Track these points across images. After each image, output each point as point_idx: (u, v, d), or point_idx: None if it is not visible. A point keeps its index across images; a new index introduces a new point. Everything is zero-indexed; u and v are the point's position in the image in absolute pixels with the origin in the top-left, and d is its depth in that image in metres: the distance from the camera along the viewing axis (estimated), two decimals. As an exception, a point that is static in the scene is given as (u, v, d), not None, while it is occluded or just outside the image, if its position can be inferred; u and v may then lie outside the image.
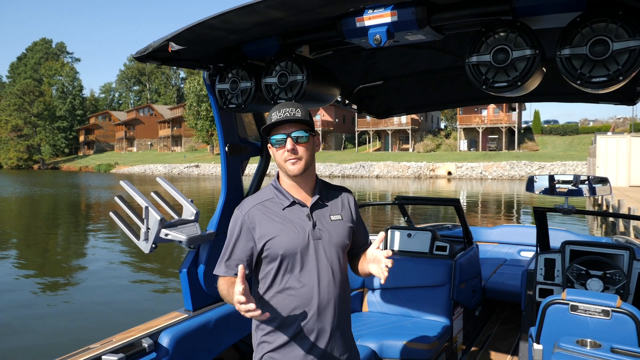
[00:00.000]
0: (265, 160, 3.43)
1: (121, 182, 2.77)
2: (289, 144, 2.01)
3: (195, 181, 51.23)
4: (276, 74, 2.56)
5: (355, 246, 2.28)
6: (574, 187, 3.70)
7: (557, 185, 3.75)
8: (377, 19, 2.18)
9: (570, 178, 3.74)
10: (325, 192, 2.19)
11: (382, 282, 1.90)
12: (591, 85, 1.92)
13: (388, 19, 2.15)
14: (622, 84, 1.91)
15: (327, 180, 2.36)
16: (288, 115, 2.00)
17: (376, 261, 1.98)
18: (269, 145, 2.12)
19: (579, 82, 1.94)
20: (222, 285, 2.05)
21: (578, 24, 1.91)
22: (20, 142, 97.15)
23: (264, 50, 2.63)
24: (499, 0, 2.03)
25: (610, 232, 15.74)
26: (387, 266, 1.90)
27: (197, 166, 67.14)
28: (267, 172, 3.41)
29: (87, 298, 10.24)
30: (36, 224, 22.20)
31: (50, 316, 9.16)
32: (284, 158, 2.04)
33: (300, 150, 2.03)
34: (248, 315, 1.78)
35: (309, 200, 2.11)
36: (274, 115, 2.02)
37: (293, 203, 2.08)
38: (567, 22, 1.94)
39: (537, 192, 3.85)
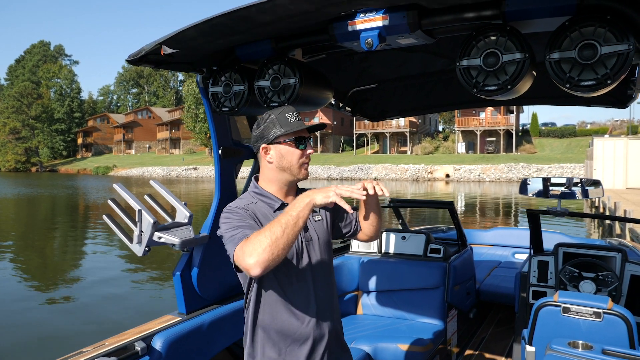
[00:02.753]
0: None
1: (114, 185, 2.77)
2: (310, 148, 2.09)
3: (193, 183, 51.20)
4: (269, 77, 2.57)
5: (348, 224, 2.27)
6: (566, 190, 3.71)
7: (550, 188, 3.76)
8: (369, 22, 2.19)
9: (563, 181, 3.75)
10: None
11: (371, 192, 1.91)
12: (580, 89, 1.94)
13: (380, 23, 2.17)
14: (610, 87, 1.92)
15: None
16: (303, 123, 2.08)
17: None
18: (266, 146, 2.05)
19: (568, 85, 1.95)
20: (258, 232, 1.73)
21: (567, 28, 1.92)
22: (18, 144, 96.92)
23: (257, 53, 2.64)
24: (490, 5, 2.04)
25: (606, 235, 15.77)
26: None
27: (195, 169, 67.10)
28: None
29: (80, 301, 10.22)
30: (34, 225, 22.16)
31: (42, 318, 9.14)
32: (301, 162, 2.06)
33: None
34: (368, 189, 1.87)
35: None
36: (290, 117, 2.05)
37: (282, 206, 2.05)
38: (556, 27, 1.96)
39: (530, 195, 3.86)
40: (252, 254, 1.66)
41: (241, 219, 1.90)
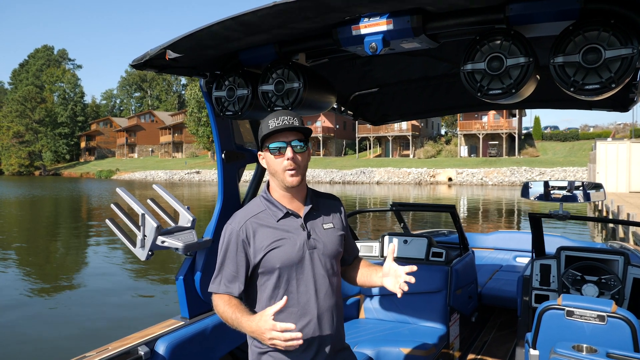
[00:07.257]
0: (262, 167, 3.44)
1: (117, 190, 2.78)
2: (290, 152, 1.97)
3: (196, 187, 51.28)
4: (273, 82, 2.57)
5: (345, 254, 2.26)
6: (568, 193, 3.71)
7: (551, 191, 3.75)
8: (373, 27, 2.20)
9: (565, 184, 3.75)
10: (316, 200, 2.16)
11: (399, 296, 1.96)
12: (584, 93, 1.94)
13: (384, 27, 2.17)
14: (614, 91, 1.93)
15: (320, 187, 2.35)
16: (287, 123, 1.97)
17: (394, 275, 2.01)
18: (261, 153, 2.09)
19: (572, 89, 1.95)
20: (222, 305, 2.00)
21: (571, 33, 1.93)
22: (21, 148, 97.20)
23: (261, 58, 2.65)
24: (494, 9, 2.05)
25: (610, 238, 15.72)
26: (406, 282, 1.94)
27: (198, 172, 67.20)
28: (264, 179, 3.42)
29: (83, 304, 10.22)
30: (37, 228, 22.19)
31: (46, 323, 9.14)
32: (283, 167, 1.99)
33: (299, 159, 2.00)
34: (291, 343, 1.80)
35: (302, 210, 2.09)
36: (272, 123, 1.98)
37: (287, 214, 2.05)
38: (560, 31, 1.96)
39: (531, 198, 3.85)
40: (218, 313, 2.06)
41: (227, 256, 2.05)
